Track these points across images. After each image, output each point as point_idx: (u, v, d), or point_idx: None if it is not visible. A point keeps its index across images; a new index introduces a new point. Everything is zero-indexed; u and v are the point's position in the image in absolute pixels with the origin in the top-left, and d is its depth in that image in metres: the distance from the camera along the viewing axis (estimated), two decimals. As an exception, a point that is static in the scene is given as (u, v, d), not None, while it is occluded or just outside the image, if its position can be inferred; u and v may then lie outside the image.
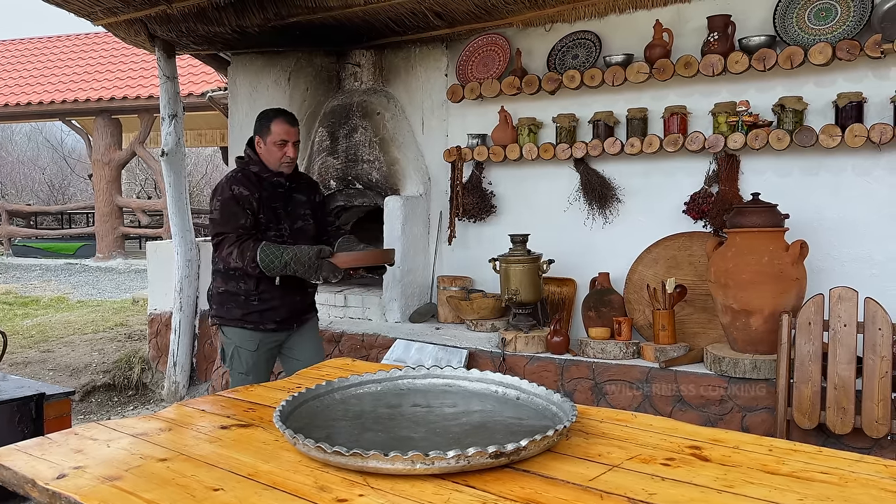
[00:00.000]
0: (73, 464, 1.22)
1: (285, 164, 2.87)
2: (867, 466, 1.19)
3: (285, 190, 2.93)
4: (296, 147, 2.88)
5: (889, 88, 3.43)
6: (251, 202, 2.82)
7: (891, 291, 3.34)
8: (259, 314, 2.88)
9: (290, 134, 2.86)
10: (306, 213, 2.98)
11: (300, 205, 2.98)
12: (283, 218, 2.90)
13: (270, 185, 2.89)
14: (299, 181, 3.03)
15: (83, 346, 6.23)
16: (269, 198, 2.87)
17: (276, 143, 2.83)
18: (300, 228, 2.95)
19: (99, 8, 4.62)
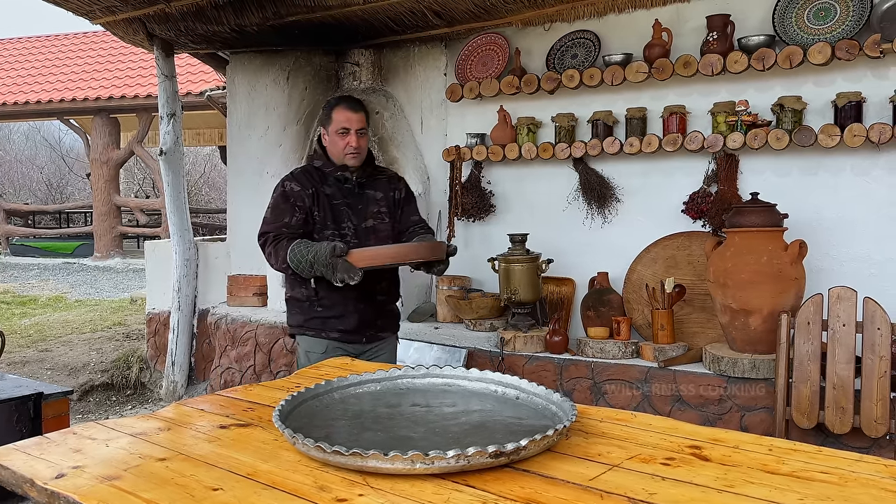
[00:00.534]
0: (72, 463, 1.22)
1: (349, 154, 2.62)
2: (867, 466, 1.19)
3: (353, 185, 2.68)
4: (361, 136, 2.62)
5: (888, 88, 3.43)
6: (303, 198, 2.61)
7: (889, 291, 3.34)
8: (322, 321, 2.67)
9: (353, 121, 2.60)
10: (380, 212, 2.71)
11: (372, 201, 2.71)
12: (349, 216, 2.65)
13: (335, 179, 2.66)
14: (375, 175, 2.77)
15: (81, 345, 6.23)
16: (333, 194, 2.64)
17: (337, 132, 2.61)
18: (370, 228, 2.68)
19: (97, 6, 4.61)
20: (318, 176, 2.67)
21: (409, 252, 2.48)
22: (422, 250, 2.48)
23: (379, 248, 2.52)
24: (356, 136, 2.61)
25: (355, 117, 2.61)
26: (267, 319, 4.80)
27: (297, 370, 2.13)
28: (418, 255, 2.47)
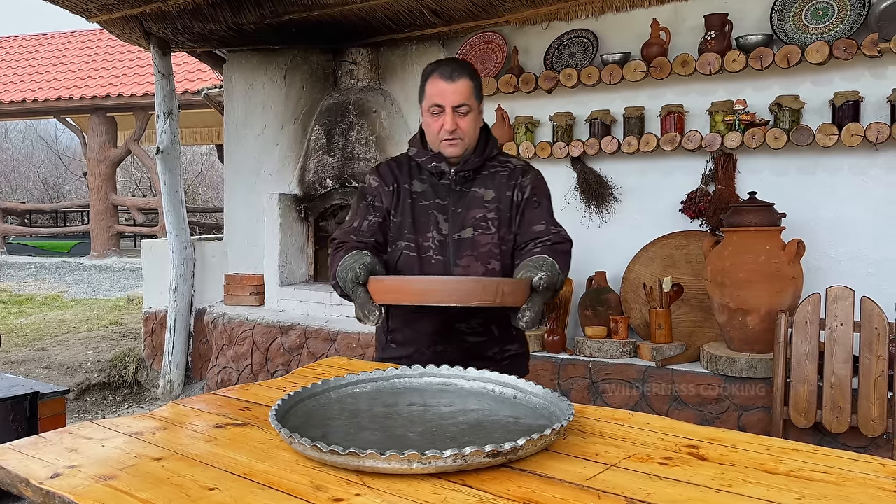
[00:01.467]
0: (68, 463, 1.21)
1: (445, 142, 1.93)
2: (865, 465, 1.19)
3: (452, 181, 1.99)
4: (463, 115, 1.92)
5: (886, 87, 3.43)
6: (380, 196, 2.01)
7: (887, 290, 3.34)
8: (395, 362, 1.89)
9: (448, 94, 1.90)
10: (486, 218, 1.97)
11: (477, 204, 1.98)
12: (439, 222, 1.98)
13: (430, 173, 2.01)
14: (490, 167, 2.02)
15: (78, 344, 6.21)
16: (424, 192, 2.00)
17: (429, 110, 1.94)
18: (466, 241, 1.96)
19: (94, 4, 4.61)
20: (408, 168, 2.04)
21: (451, 290, 1.53)
22: (474, 289, 1.55)
23: (407, 280, 1.73)
24: (453, 115, 1.91)
25: (451, 89, 1.90)
26: (264, 319, 4.79)
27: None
28: (468, 295, 1.53)
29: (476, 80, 1.97)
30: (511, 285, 1.61)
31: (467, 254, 1.96)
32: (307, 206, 5.07)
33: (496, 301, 1.54)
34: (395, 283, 1.66)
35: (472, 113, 1.95)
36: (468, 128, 1.94)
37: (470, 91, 1.93)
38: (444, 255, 1.96)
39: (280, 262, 5.01)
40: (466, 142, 1.96)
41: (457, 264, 1.95)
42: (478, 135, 2.01)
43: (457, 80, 1.91)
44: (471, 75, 1.95)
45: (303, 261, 5.21)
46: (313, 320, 4.64)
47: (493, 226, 1.97)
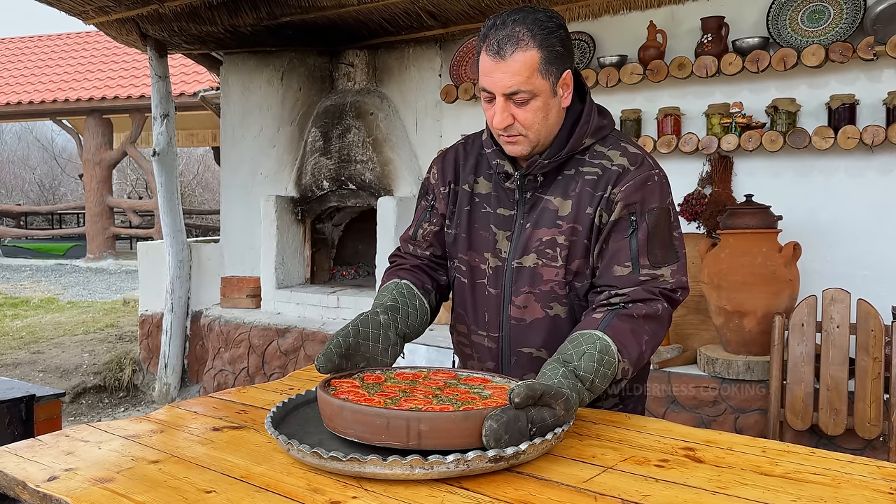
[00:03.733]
0: (64, 466, 1.21)
1: (502, 139, 1.42)
2: (860, 467, 1.19)
3: (518, 188, 1.48)
4: (520, 105, 1.37)
5: (881, 90, 3.45)
6: (437, 196, 1.58)
7: (883, 293, 3.35)
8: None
9: (495, 78, 1.35)
10: (555, 244, 1.44)
11: (549, 220, 1.45)
12: (498, 241, 1.50)
13: (495, 170, 1.52)
14: (574, 167, 1.46)
15: (73, 347, 6.20)
16: (489, 197, 1.52)
17: (481, 94, 1.42)
18: (526, 271, 1.47)
19: (90, 7, 4.60)
20: (475, 159, 1.55)
21: (352, 421, 1.16)
22: (376, 425, 1.13)
23: (321, 399, 1.22)
24: (506, 105, 1.37)
25: (501, 69, 1.34)
26: (260, 321, 4.79)
27: None
28: (369, 431, 1.14)
29: (547, 46, 1.34)
30: (432, 422, 1.11)
31: (525, 290, 1.47)
32: (304, 208, 5.07)
33: (408, 444, 1.11)
34: (321, 398, 1.23)
35: (539, 98, 1.36)
36: (532, 120, 1.38)
37: (531, 68, 1.34)
38: (499, 286, 1.49)
39: (277, 264, 5.00)
40: (533, 137, 1.40)
41: (512, 301, 1.48)
42: (558, 121, 1.43)
43: (509, 54, 1.33)
44: (537, 42, 1.33)
45: (300, 263, 5.20)
46: (310, 323, 4.64)
47: (560, 256, 1.43)
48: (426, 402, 1.24)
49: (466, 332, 1.59)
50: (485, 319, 1.54)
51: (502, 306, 1.50)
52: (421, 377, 1.43)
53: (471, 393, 1.32)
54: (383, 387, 1.35)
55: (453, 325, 1.65)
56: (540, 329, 1.48)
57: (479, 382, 1.41)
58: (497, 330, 1.53)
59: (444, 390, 1.33)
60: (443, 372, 1.47)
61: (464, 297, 1.57)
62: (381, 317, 1.44)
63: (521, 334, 1.50)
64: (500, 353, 1.54)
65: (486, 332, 1.55)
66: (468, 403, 1.24)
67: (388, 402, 1.23)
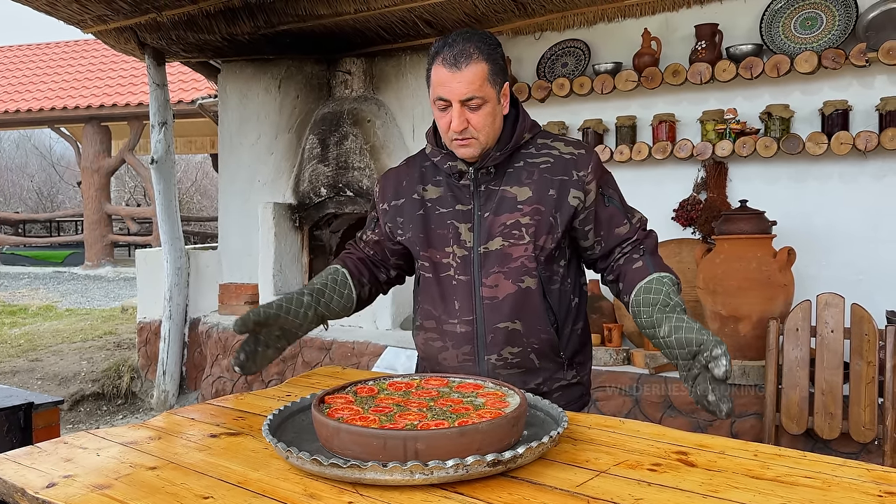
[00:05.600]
0: (63, 472, 1.22)
1: (455, 142, 1.59)
2: (850, 470, 1.20)
3: (473, 182, 1.65)
4: (474, 110, 1.56)
5: (874, 97, 3.47)
6: (379, 209, 1.78)
7: (876, 297, 3.37)
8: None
9: (452, 86, 1.53)
10: (519, 225, 1.62)
11: (509, 207, 1.63)
12: (461, 233, 1.65)
13: (445, 174, 1.68)
14: (522, 159, 1.65)
15: (72, 354, 6.20)
16: (441, 198, 1.68)
17: (434, 103, 1.59)
18: (494, 254, 1.63)
19: (88, 16, 4.62)
20: (419, 171, 1.73)
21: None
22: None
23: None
24: (462, 111, 1.55)
25: (456, 79, 1.53)
26: (259, 328, 4.79)
27: None
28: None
29: (492, 60, 1.56)
30: (428, 441, 1.13)
31: (495, 270, 1.62)
32: (302, 215, 5.09)
33: (406, 462, 1.11)
34: (316, 419, 1.24)
35: (489, 104, 1.56)
36: (482, 123, 1.57)
37: (482, 78, 1.54)
38: (468, 273, 1.63)
39: (275, 271, 5.02)
40: (483, 139, 1.59)
41: (483, 283, 1.62)
42: (500, 126, 1.63)
43: (464, 66, 1.53)
44: (485, 56, 1.54)
45: (297, 270, 5.22)
46: (308, 329, 4.64)
47: (526, 234, 1.61)
48: (421, 417, 1.25)
49: (436, 326, 1.70)
50: (455, 307, 1.66)
51: (473, 290, 1.65)
52: (414, 386, 1.45)
53: (464, 403, 1.34)
54: (377, 400, 1.36)
55: (419, 324, 1.75)
56: (511, 302, 1.63)
57: (472, 389, 1.42)
58: (470, 313, 1.65)
59: (437, 401, 1.35)
60: (435, 379, 1.49)
61: (431, 291, 1.70)
62: (306, 297, 1.67)
63: (495, 311, 1.64)
64: (475, 334, 1.66)
65: (459, 318, 1.66)
66: (462, 416, 1.26)
67: (383, 419, 1.25)
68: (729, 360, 1.38)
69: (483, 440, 1.15)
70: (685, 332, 1.45)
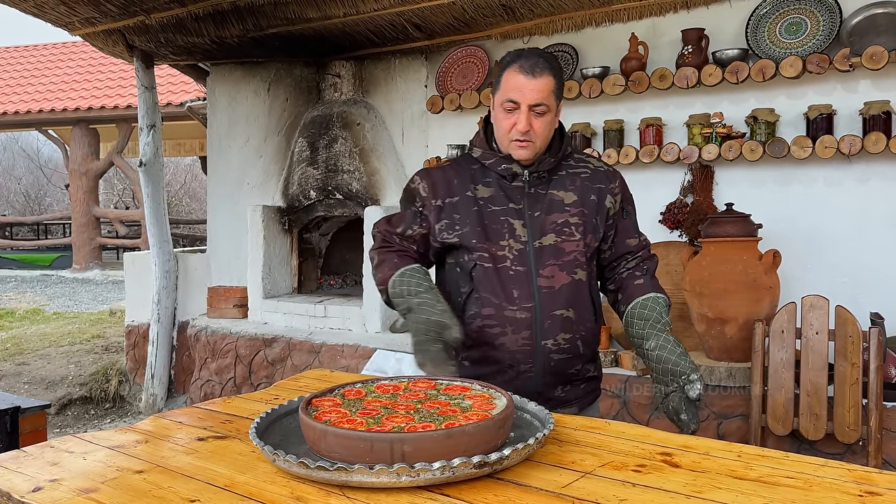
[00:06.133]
0: (49, 476, 1.22)
1: (515, 142, 1.77)
2: (831, 471, 1.22)
3: (526, 183, 1.81)
4: (539, 115, 1.74)
5: (857, 101, 3.51)
6: (429, 207, 1.84)
7: (860, 299, 3.41)
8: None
9: (525, 92, 1.72)
10: (569, 224, 1.80)
11: (558, 208, 1.81)
12: (515, 229, 1.79)
13: (497, 175, 1.82)
14: (567, 167, 1.86)
15: (59, 358, 6.16)
16: (493, 197, 1.81)
17: (502, 105, 1.76)
18: (549, 248, 1.79)
19: (76, 18, 4.61)
20: (469, 173, 1.85)
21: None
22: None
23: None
24: (528, 115, 1.73)
25: (530, 85, 1.71)
26: (247, 331, 4.79)
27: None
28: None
29: (559, 77, 1.77)
30: (415, 443, 1.15)
31: (550, 262, 1.78)
32: (291, 217, 5.08)
33: (392, 465, 1.13)
34: (303, 422, 1.25)
35: (549, 114, 1.76)
36: (542, 130, 1.76)
37: (550, 90, 1.73)
38: (525, 264, 1.77)
39: (264, 273, 5.01)
40: (538, 145, 1.78)
41: (540, 274, 1.77)
42: (551, 137, 1.82)
43: (538, 75, 1.71)
44: (554, 72, 1.75)
45: (287, 273, 5.21)
46: (297, 332, 4.65)
47: (577, 232, 1.80)
48: (408, 419, 1.26)
49: (495, 313, 1.79)
50: (514, 295, 1.77)
51: (531, 280, 1.78)
52: (401, 389, 1.45)
53: (451, 405, 1.35)
54: (364, 403, 1.37)
55: (476, 312, 1.81)
56: (567, 292, 1.79)
57: (459, 391, 1.43)
58: (529, 300, 1.77)
59: (424, 403, 1.36)
60: (423, 382, 1.49)
61: (490, 280, 1.79)
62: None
63: (552, 299, 1.78)
64: (534, 320, 1.77)
65: (519, 305, 1.77)
66: (449, 418, 1.26)
67: (370, 422, 1.25)
68: (703, 385, 1.63)
69: (470, 442, 1.16)
70: (668, 352, 1.72)
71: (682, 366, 1.68)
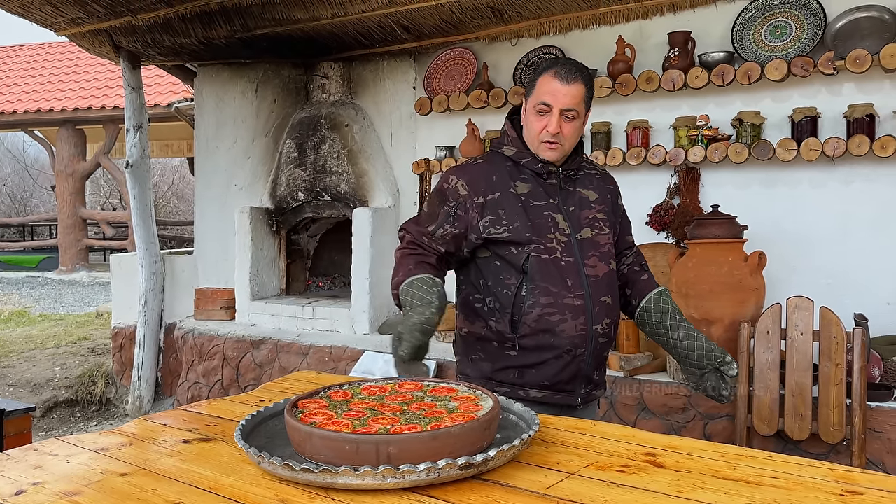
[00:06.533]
0: (32, 480, 1.21)
1: (545, 144, 1.87)
2: (813, 470, 1.23)
3: (560, 181, 1.93)
4: (569, 120, 1.85)
5: (842, 104, 3.54)
6: (466, 206, 1.88)
7: (845, 300, 3.44)
8: (518, 371, 1.88)
9: (559, 96, 1.82)
10: (597, 219, 1.95)
11: (586, 204, 1.95)
12: (558, 223, 1.88)
13: (532, 173, 1.91)
14: (583, 170, 2.00)
15: (45, 360, 6.11)
16: (532, 193, 1.89)
17: (535, 108, 1.86)
18: (588, 241, 1.91)
19: (62, 18, 4.58)
20: (506, 170, 1.91)
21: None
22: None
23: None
24: (560, 118, 1.83)
25: (564, 90, 1.82)
26: (235, 333, 4.77)
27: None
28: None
29: (590, 87, 1.88)
30: (400, 444, 1.14)
31: (592, 253, 1.91)
32: (279, 219, 5.07)
33: (378, 466, 1.12)
34: (289, 424, 1.24)
35: (578, 120, 1.87)
36: (571, 133, 1.87)
37: (582, 97, 1.85)
38: (573, 255, 1.88)
39: (251, 275, 4.99)
40: (566, 148, 1.88)
41: (585, 264, 1.89)
42: (577, 141, 1.93)
43: (572, 82, 1.83)
44: (586, 81, 1.86)
45: (274, 274, 5.19)
46: (285, 334, 4.63)
47: (605, 226, 1.96)
48: (394, 421, 1.26)
49: (554, 301, 1.86)
50: (567, 284, 1.86)
51: (580, 269, 1.88)
52: (388, 391, 1.45)
53: (437, 406, 1.35)
54: (350, 404, 1.36)
55: (534, 301, 1.85)
56: (607, 280, 1.93)
57: (446, 393, 1.44)
58: (581, 288, 1.87)
59: (411, 405, 1.36)
60: (410, 383, 1.49)
61: (548, 270, 1.86)
62: (438, 317, 1.79)
63: (598, 287, 1.90)
64: (586, 307, 1.87)
65: (574, 293, 1.86)
66: (435, 420, 1.26)
67: (356, 424, 1.24)
68: (736, 364, 1.85)
69: (455, 444, 1.16)
70: (698, 339, 1.88)
71: (714, 350, 1.85)
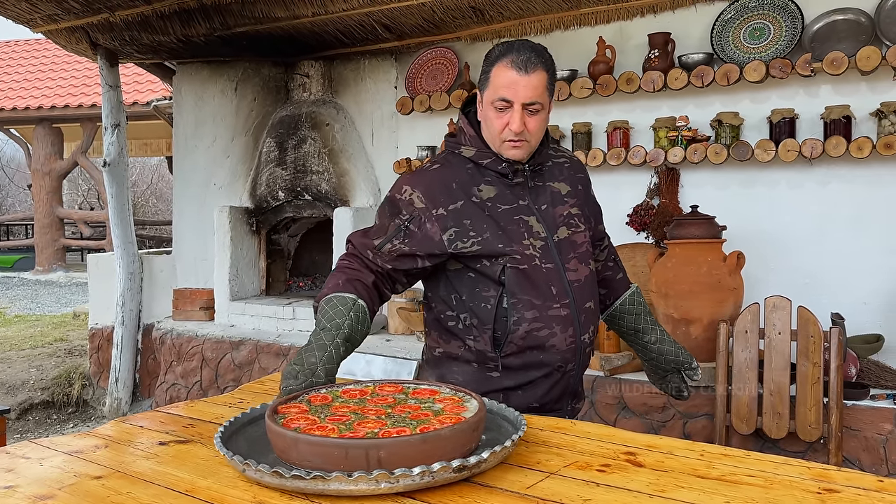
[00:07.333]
0: (3, 483, 1.19)
1: (508, 143, 1.65)
2: (792, 469, 1.24)
3: (526, 177, 1.71)
4: (532, 115, 1.62)
5: (819, 105, 3.59)
6: (422, 221, 1.65)
7: (822, 300, 3.48)
8: (503, 395, 1.67)
9: (518, 89, 1.59)
10: (572, 216, 1.74)
11: (559, 200, 1.74)
12: (532, 226, 1.68)
13: (497, 174, 1.69)
14: (551, 160, 1.78)
15: (20, 362, 6.02)
16: (499, 196, 1.68)
17: (493, 104, 1.63)
18: (567, 242, 1.72)
19: (38, 15, 4.51)
20: (466, 174, 1.69)
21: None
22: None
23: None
24: (522, 114, 1.61)
25: (523, 82, 1.59)
26: (213, 334, 4.73)
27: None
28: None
29: (552, 71, 1.65)
30: (390, 448, 1.12)
31: (571, 255, 1.71)
32: (259, 219, 5.03)
33: (369, 471, 1.11)
34: (272, 430, 1.21)
35: (543, 112, 1.64)
36: (536, 129, 1.64)
37: (544, 85, 1.62)
38: (552, 260, 1.67)
39: (231, 275, 4.95)
40: (532, 144, 1.67)
41: (566, 268, 1.69)
42: (543, 134, 1.72)
43: (531, 71, 1.59)
44: (547, 66, 1.62)
45: (254, 274, 5.16)
46: (265, 335, 4.60)
47: (580, 223, 1.75)
48: (381, 425, 1.24)
49: (539, 315, 1.66)
50: (552, 292, 1.67)
51: (562, 275, 1.69)
52: (369, 393, 1.44)
53: (422, 409, 1.34)
54: (332, 408, 1.33)
55: (519, 317, 1.65)
56: (589, 283, 1.76)
57: (428, 395, 1.42)
58: (566, 296, 1.68)
59: (394, 408, 1.34)
60: (390, 385, 1.48)
61: (528, 280, 1.65)
62: (342, 350, 1.52)
63: (582, 293, 1.72)
64: (573, 316, 1.69)
65: (559, 302, 1.67)
66: (423, 423, 1.24)
67: (342, 428, 1.22)
68: (699, 370, 1.92)
69: (446, 446, 1.15)
70: (667, 344, 1.91)
71: (682, 356, 1.91)
